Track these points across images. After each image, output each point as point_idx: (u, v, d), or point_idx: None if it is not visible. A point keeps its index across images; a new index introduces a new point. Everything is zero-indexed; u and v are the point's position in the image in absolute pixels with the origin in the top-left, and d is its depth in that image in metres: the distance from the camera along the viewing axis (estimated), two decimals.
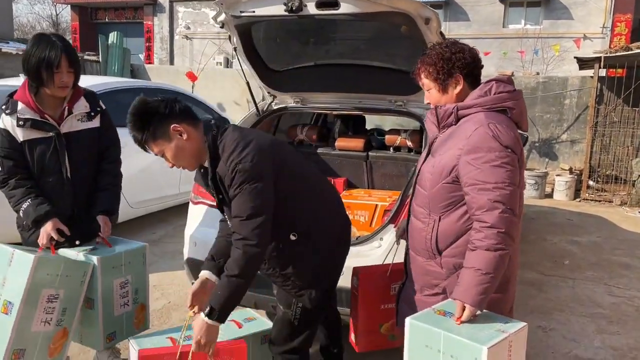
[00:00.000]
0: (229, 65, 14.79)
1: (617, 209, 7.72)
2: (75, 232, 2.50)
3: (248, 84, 3.65)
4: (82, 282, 2.37)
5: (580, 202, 8.20)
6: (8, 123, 2.42)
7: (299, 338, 2.30)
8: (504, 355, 1.63)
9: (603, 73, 8.63)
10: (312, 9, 2.79)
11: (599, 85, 8.60)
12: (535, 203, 7.94)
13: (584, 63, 8.91)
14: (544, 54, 13.65)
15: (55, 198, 2.50)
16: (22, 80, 4.98)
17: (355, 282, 2.48)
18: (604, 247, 5.72)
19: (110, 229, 2.59)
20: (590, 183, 8.50)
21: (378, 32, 3.39)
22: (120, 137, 2.74)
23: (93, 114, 2.59)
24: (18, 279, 2.18)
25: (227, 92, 11.62)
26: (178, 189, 5.86)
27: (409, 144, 3.90)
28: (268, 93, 3.86)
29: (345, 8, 2.75)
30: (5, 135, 2.42)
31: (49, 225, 2.37)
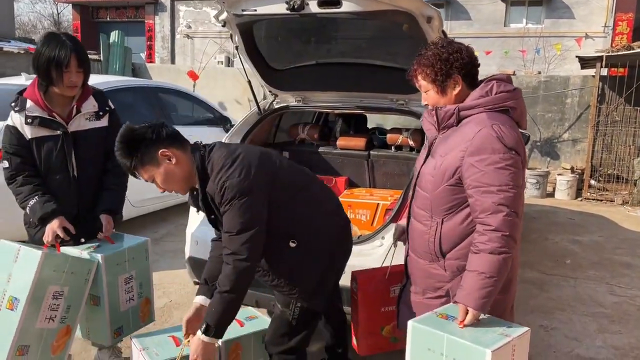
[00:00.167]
0: (230, 64, 14.80)
1: (618, 208, 7.71)
2: (81, 230, 2.53)
3: (249, 83, 3.65)
4: (86, 279, 2.39)
5: (582, 201, 8.19)
6: (17, 120, 2.43)
7: (296, 338, 2.27)
8: (507, 359, 1.62)
9: (605, 72, 8.61)
10: (313, 8, 2.79)
11: (601, 85, 8.59)
12: (537, 202, 7.93)
13: (586, 62, 8.90)
14: (546, 53, 13.63)
15: (61, 196, 2.51)
16: (23, 79, 5.03)
17: (355, 285, 2.46)
18: (606, 246, 5.71)
19: (113, 229, 2.61)
20: (592, 182, 8.48)
21: (380, 30, 3.39)
22: None
23: (101, 114, 2.60)
24: (24, 275, 2.20)
25: (228, 91, 11.63)
26: None
27: (411, 143, 3.89)
28: (269, 92, 3.86)
29: (347, 6, 2.74)
30: (14, 133, 2.44)
31: (55, 223, 2.38)
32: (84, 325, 2.57)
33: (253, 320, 2.61)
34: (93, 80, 2.66)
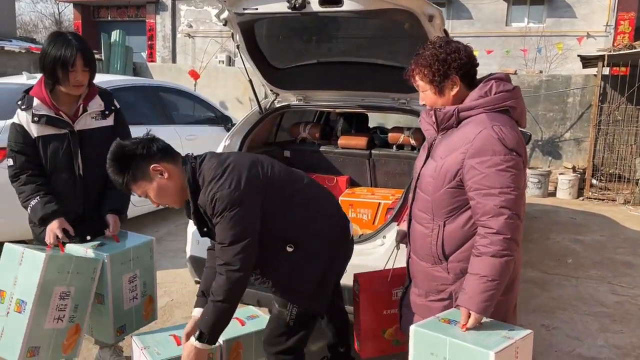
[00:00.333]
0: (231, 64, 14.81)
1: (620, 208, 7.70)
2: (86, 228, 2.55)
3: (251, 82, 3.65)
4: (92, 278, 2.40)
5: (584, 200, 8.18)
6: (23, 118, 2.44)
7: (294, 338, 2.25)
8: None
9: (606, 71, 8.60)
10: (315, 6, 2.79)
11: (603, 84, 8.58)
12: (539, 202, 7.92)
13: (588, 61, 8.89)
14: (547, 52, 13.60)
15: (67, 195, 2.52)
16: (25, 79, 5.03)
17: (357, 287, 2.45)
18: (607, 245, 5.70)
19: (119, 228, 2.64)
20: (594, 182, 8.47)
21: (381, 29, 3.38)
22: None
23: (107, 113, 2.61)
24: (30, 278, 2.21)
25: (229, 90, 11.63)
26: None
27: (412, 142, 3.89)
28: (271, 91, 3.86)
29: (349, 5, 2.74)
30: (20, 131, 2.44)
31: (55, 224, 2.39)
32: (88, 323, 2.57)
33: (254, 319, 2.61)
34: (94, 80, 2.66)
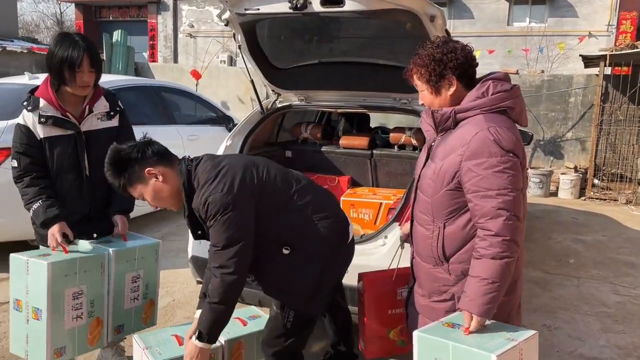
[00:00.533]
0: (233, 64, 14.81)
1: (622, 208, 7.69)
2: (92, 228, 2.57)
3: (252, 82, 3.65)
4: (101, 272, 2.43)
5: (585, 200, 8.17)
6: (29, 120, 2.43)
7: (292, 340, 2.24)
8: None
9: (608, 71, 8.59)
10: (316, 7, 2.79)
11: (605, 84, 8.56)
12: (540, 201, 7.91)
13: (589, 61, 8.88)
14: (549, 52, 13.58)
15: (74, 196, 2.53)
16: (26, 79, 5.03)
17: (361, 287, 2.44)
18: (609, 245, 5.70)
19: (127, 227, 2.66)
20: (595, 181, 8.46)
21: (383, 29, 3.38)
22: None
23: (112, 114, 2.62)
24: (38, 286, 2.24)
25: (231, 90, 11.64)
26: None
27: (414, 142, 3.89)
28: (272, 91, 3.86)
29: (350, 5, 2.74)
30: (25, 132, 2.43)
31: (55, 228, 2.39)
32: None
33: (256, 320, 2.61)
34: None
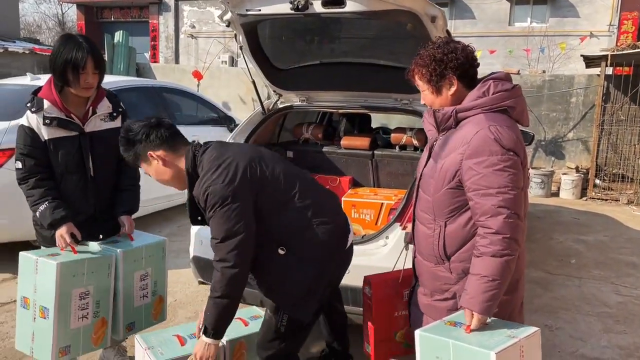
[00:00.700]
0: (234, 64, 14.82)
1: (623, 208, 7.68)
2: (98, 229, 2.58)
3: (254, 83, 3.65)
4: (108, 274, 2.45)
5: (587, 200, 8.16)
6: (33, 121, 2.43)
7: (285, 344, 2.22)
8: None
9: (610, 71, 8.59)
10: (318, 7, 2.79)
11: (606, 84, 8.55)
12: (542, 202, 7.91)
13: (591, 61, 8.87)
14: (550, 52, 13.58)
15: (79, 196, 2.54)
16: (28, 80, 5.03)
17: (369, 291, 2.40)
18: (611, 246, 5.69)
19: (134, 227, 2.69)
20: (597, 182, 8.45)
21: (384, 30, 3.39)
22: None
23: (115, 115, 2.63)
24: (47, 286, 2.26)
25: (232, 90, 11.65)
26: None
27: (415, 143, 3.89)
28: (274, 91, 3.86)
29: (351, 6, 2.75)
30: (29, 133, 2.43)
31: (63, 229, 2.40)
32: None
33: (257, 320, 2.61)
34: None
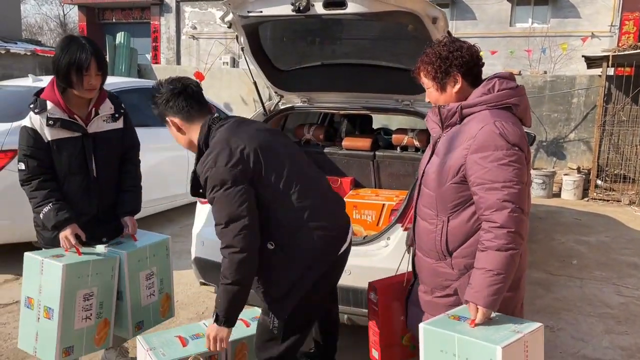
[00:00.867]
0: (235, 65, 14.82)
1: (625, 209, 7.68)
2: (102, 231, 2.59)
3: (255, 84, 3.66)
4: (112, 275, 2.46)
5: (588, 201, 8.16)
6: (36, 122, 2.44)
7: (281, 346, 2.19)
8: (521, 356, 1.62)
9: (611, 72, 8.58)
10: (319, 9, 2.80)
11: (607, 84, 8.55)
12: (543, 202, 7.91)
13: (592, 62, 8.86)
14: (552, 53, 13.57)
15: (82, 197, 2.55)
16: (30, 81, 5.04)
17: (374, 297, 2.38)
18: (612, 246, 5.69)
19: (137, 228, 2.71)
20: (599, 182, 8.45)
21: (385, 31, 3.39)
22: None
23: (117, 116, 2.64)
24: (52, 287, 2.28)
25: (234, 91, 11.65)
26: (186, 189, 5.85)
27: (416, 144, 3.89)
28: (275, 93, 3.87)
29: (353, 8, 2.75)
30: (32, 134, 2.44)
31: (68, 231, 2.41)
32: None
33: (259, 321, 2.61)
34: None
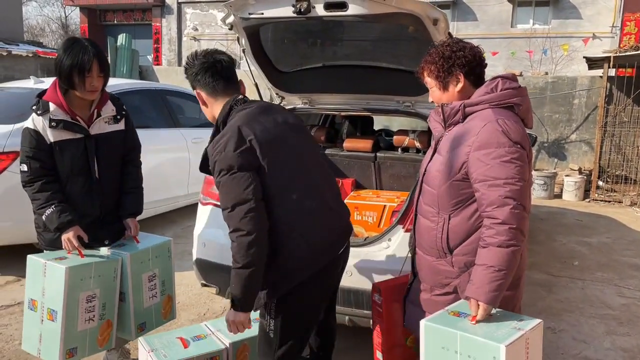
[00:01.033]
0: (237, 67, 14.82)
1: (627, 210, 7.67)
2: (104, 233, 2.60)
3: (256, 85, 3.66)
4: (114, 277, 2.48)
5: (590, 202, 8.15)
6: (39, 124, 2.44)
7: (279, 351, 2.16)
8: (522, 353, 1.63)
9: (612, 73, 8.58)
10: (320, 11, 2.80)
11: (609, 85, 8.55)
12: (544, 203, 7.90)
13: (593, 63, 8.86)
14: (553, 54, 13.58)
15: (85, 198, 2.56)
16: (32, 83, 5.06)
17: (379, 298, 2.37)
18: (614, 247, 5.68)
19: (139, 230, 2.72)
20: (600, 183, 8.44)
21: (386, 33, 3.39)
22: None
23: (119, 117, 2.65)
24: (55, 289, 2.29)
25: None
26: (187, 190, 5.89)
27: (417, 145, 3.90)
28: (276, 94, 3.87)
29: (353, 9, 2.75)
30: (35, 136, 2.44)
31: (70, 233, 2.42)
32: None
33: None
34: None
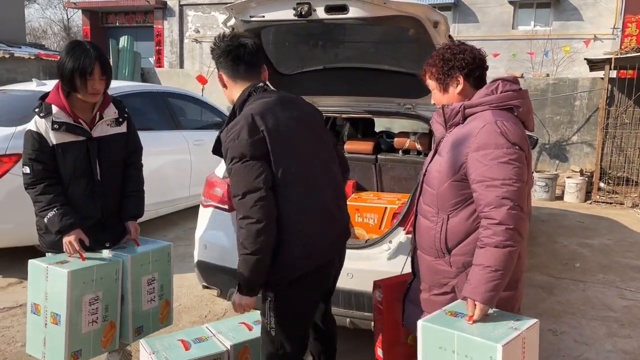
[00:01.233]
0: None
1: (628, 211, 7.66)
2: (106, 236, 2.61)
3: None
4: (116, 279, 2.49)
5: (591, 204, 8.14)
6: (41, 126, 2.45)
7: (281, 351, 2.17)
8: (518, 352, 1.64)
9: (614, 74, 8.57)
10: (321, 14, 2.81)
11: (610, 87, 8.55)
12: (546, 205, 7.90)
13: (595, 64, 8.85)
14: (554, 56, 13.57)
15: (87, 201, 2.56)
16: (34, 85, 5.07)
17: (379, 295, 2.38)
18: (615, 249, 5.68)
19: (139, 233, 2.72)
20: (601, 185, 8.43)
21: (386, 35, 3.41)
22: None
23: (121, 120, 2.66)
24: (58, 293, 2.30)
25: None
26: (188, 192, 5.90)
27: (418, 147, 3.90)
28: None
29: (354, 12, 2.76)
30: (37, 138, 2.45)
31: (72, 236, 2.43)
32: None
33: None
34: None
